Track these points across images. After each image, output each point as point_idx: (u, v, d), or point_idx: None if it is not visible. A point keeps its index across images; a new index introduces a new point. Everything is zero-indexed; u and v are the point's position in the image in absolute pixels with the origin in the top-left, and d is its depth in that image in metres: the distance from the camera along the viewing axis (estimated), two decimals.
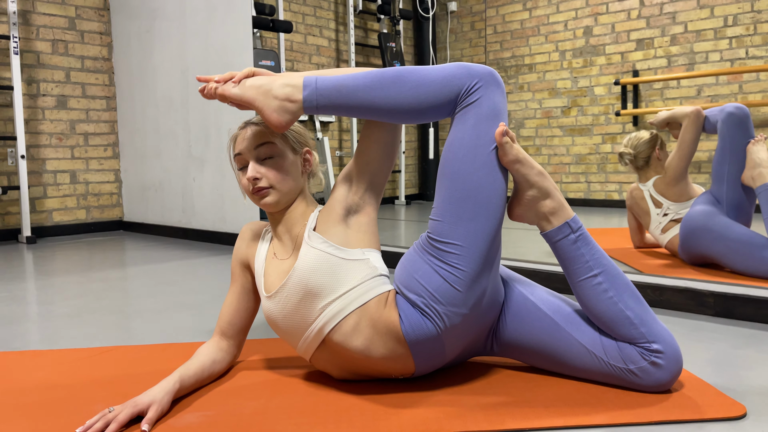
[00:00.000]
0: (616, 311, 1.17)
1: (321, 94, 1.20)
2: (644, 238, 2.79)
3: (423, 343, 1.17)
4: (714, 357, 1.42)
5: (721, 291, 1.76)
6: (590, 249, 1.20)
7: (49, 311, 2.01)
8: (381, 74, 1.19)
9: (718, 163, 2.28)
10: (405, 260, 1.22)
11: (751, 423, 1.06)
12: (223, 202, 3.53)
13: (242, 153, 1.28)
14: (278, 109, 1.20)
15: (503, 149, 1.18)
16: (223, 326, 1.35)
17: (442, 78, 1.18)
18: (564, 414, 1.09)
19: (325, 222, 1.24)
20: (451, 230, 1.16)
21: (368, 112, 1.20)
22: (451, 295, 1.15)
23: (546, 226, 1.23)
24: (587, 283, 1.19)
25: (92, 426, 1.05)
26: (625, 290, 1.18)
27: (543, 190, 1.22)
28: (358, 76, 1.20)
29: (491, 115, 1.18)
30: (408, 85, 1.18)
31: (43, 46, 3.99)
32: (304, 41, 5.28)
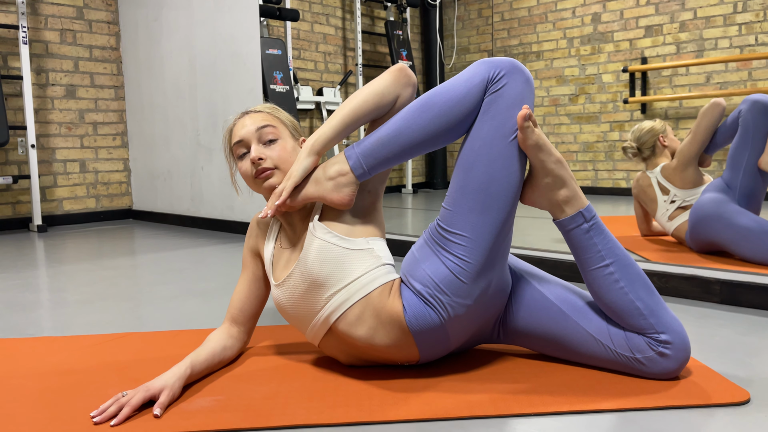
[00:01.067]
0: (626, 302, 1.17)
1: (366, 158, 1.20)
2: (651, 226, 2.80)
3: (426, 333, 1.18)
4: (719, 344, 1.43)
5: (728, 278, 1.77)
6: (603, 238, 1.20)
7: (61, 298, 2.04)
8: (409, 110, 1.20)
9: (736, 149, 2.27)
10: (413, 251, 1.23)
11: (755, 408, 1.07)
12: (231, 191, 3.55)
13: (243, 138, 1.28)
14: (335, 188, 1.21)
15: (524, 133, 1.17)
16: (234, 313, 1.37)
17: (464, 80, 1.18)
18: (570, 400, 1.11)
19: (330, 211, 1.25)
20: (460, 221, 1.16)
21: (417, 149, 1.20)
22: (456, 287, 1.16)
23: (559, 214, 1.23)
24: (599, 273, 1.19)
25: (106, 410, 1.08)
26: (637, 280, 1.18)
27: (559, 179, 1.21)
28: (391, 122, 1.20)
29: (514, 103, 1.17)
30: (437, 108, 1.18)
31: (52, 36, 4.01)
32: (310, 29, 5.28)
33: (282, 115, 1.34)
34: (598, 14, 5.12)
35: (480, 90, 1.18)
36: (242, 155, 1.30)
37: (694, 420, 1.03)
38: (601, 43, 5.12)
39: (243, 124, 1.30)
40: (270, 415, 1.07)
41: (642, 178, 2.66)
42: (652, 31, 4.84)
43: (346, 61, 5.59)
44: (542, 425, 1.03)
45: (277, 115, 1.33)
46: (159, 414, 1.08)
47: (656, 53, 4.83)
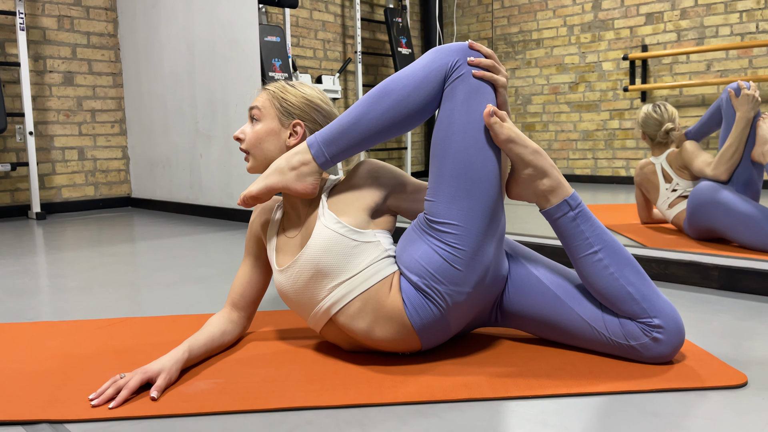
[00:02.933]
0: (617, 287, 1.17)
1: (327, 146, 1.21)
2: (651, 213, 2.79)
3: (428, 325, 1.18)
4: (717, 328, 1.44)
5: (726, 264, 1.77)
6: (590, 225, 1.20)
7: (61, 284, 2.04)
8: (368, 98, 1.20)
9: (724, 139, 2.27)
10: (405, 241, 1.22)
11: (751, 391, 1.07)
12: (231, 178, 3.54)
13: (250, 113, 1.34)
14: (298, 178, 1.22)
15: (493, 130, 1.16)
16: (235, 298, 1.37)
17: (422, 69, 1.18)
18: (566, 383, 1.11)
19: (346, 202, 1.23)
20: (446, 210, 1.15)
21: (377, 136, 1.20)
22: (452, 275, 1.15)
23: (544, 204, 1.22)
24: (588, 260, 1.19)
25: (104, 392, 1.08)
26: (626, 265, 1.18)
27: (539, 169, 1.20)
28: (350, 110, 1.21)
29: (479, 88, 1.17)
30: (396, 94, 1.18)
31: (49, 22, 3.98)
32: (309, 16, 5.25)
33: (280, 95, 1.31)
34: (598, 1, 5.09)
35: (439, 76, 1.18)
36: None
37: (691, 402, 1.03)
38: (601, 31, 5.09)
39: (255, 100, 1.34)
40: (269, 398, 1.08)
41: (646, 164, 2.65)
42: (653, 19, 4.82)
43: (345, 49, 5.57)
44: (540, 407, 1.03)
45: (276, 95, 1.31)
46: (156, 397, 1.08)
47: (657, 41, 4.81)
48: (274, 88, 1.32)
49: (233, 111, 3.46)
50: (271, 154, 1.29)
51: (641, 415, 0.99)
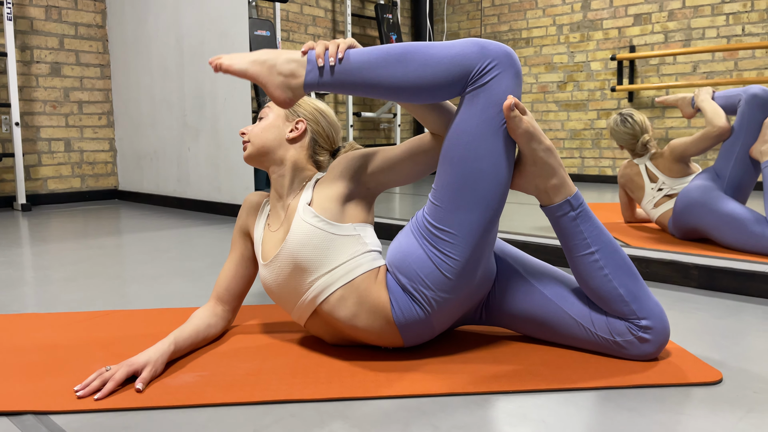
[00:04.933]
0: (609, 288, 1.18)
1: (324, 76, 1.17)
2: (635, 213, 2.83)
3: (412, 325, 1.20)
4: (695, 326, 1.47)
5: (705, 264, 1.80)
6: (589, 226, 1.20)
7: (46, 276, 2.04)
8: (386, 51, 1.16)
9: (730, 140, 2.29)
10: (400, 241, 1.22)
11: (726, 388, 1.10)
12: (218, 172, 3.54)
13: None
14: (281, 86, 1.19)
15: (512, 123, 1.14)
16: (220, 291, 1.38)
17: (451, 56, 1.14)
18: (548, 379, 1.13)
19: (323, 194, 1.24)
20: (447, 217, 1.16)
21: (372, 90, 1.16)
22: (441, 282, 1.16)
23: (546, 201, 1.22)
24: (584, 260, 1.20)
25: (90, 384, 1.09)
26: (622, 267, 1.19)
27: (548, 166, 1.20)
28: (363, 52, 1.16)
29: (499, 101, 1.14)
30: (414, 64, 1.14)
31: (37, 12, 3.95)
32: (300, 11, 5.24)
33: None
34: (587, 1, 5.12)
35: (465, 72, 1.14)
36: None
37: (668, 398, 1.06)
38: (590, 31, 5.13)
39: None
40: (253, 391, 1.09)
41: (630, 166, 2.68)
42: (641, 20, 4.86)
43: None
44: (521, 402, 1.05)
45: None
46: (141, 389, 1.09)
47: (644, 42, 4.85)
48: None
49: (222, 105, 3.45)
50: (269, 143, 1.31)
51: (619, 410, 1.02)
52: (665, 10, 4.73)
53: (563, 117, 5.35)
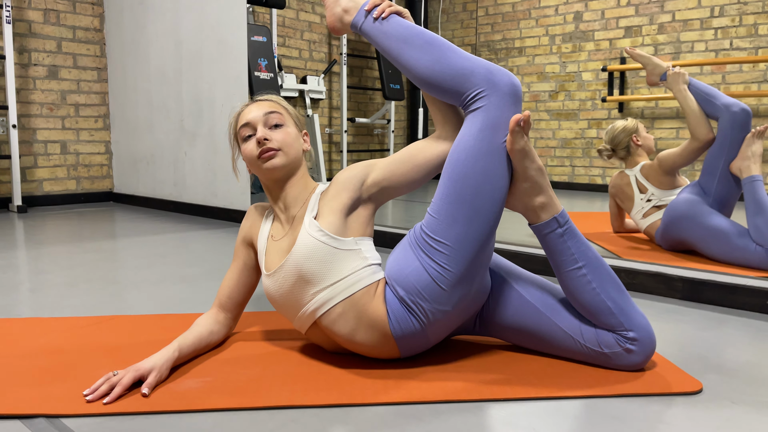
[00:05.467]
0: (598, 301, 1.24)
1: (366, 25, 1.38)
2: (624, 223, 2.90)
3: (408, 337, 1.25)
4: (678, 338, 1.53)
5: (690, 276, 1.87)
6: (576, 242, 1.26)
7: (47, 280, 2.07)
8: (418, 33, 1.32)
9: (713, 156, 2.34)
10: (398, 254, 1.28)
11: (706, 398, 1.16)
12: (215, 177, 3.58)
13: (251, 121, 1.33)
14: (337, 16, 1.43)
15: (513, 137, 1.22)
16: (222, 299, 1.43)
17: (462, 67, 1.26)
18: (538, 388, 1.19)
19: (327, 207, 1.28)
20: (445, 230, 1.21)
21: (393, 59, 1.35)
22: (437, 294, 1.21)
23: (535, 219, 1.29)
24: (572, 274, 1.26)
25: (98, 388, 1.13)
26: (608, 281, 1.26)
27: (537, 186, 1.26)
28: (402, 24, 1.34)
29: (497, 125, 1.23)
30: (431, 56, 1.28)
31: (35, 15, 3.98)
32: (296, 17, 5.29)
33: (287, 106, 1.41)
34: (580, 13, 5.21)
35: (461, 89, 1.25)
36: (247, 137, 1.34)
37: (650, 407, 1.12)
38: (582, 42, 5.21)
39: (251, 110, 1.35)
40: (255, 397, 1.14)
41: (620, 176, 2.75)
42: (632, 32, 4.95)
43: (331, 50, 5.62)
44: (512, 410, 1.11)
45: (283, 104, 1.40)
46: (147, 393, 1.14)
47: None
48: (276, 99, 1.40)
49: (219, 110, 3.50)
50: (298, 155, 1.35)
51: (604, 418, 1.07)
52: (655, 23, 4.82)
53: (554, 126, 5.42)
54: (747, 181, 2.21)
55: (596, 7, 5.11)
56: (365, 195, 1.32)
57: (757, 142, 2.26)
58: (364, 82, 5.95)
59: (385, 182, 1.33)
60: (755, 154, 2.25)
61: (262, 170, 1.32)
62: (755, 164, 2.24)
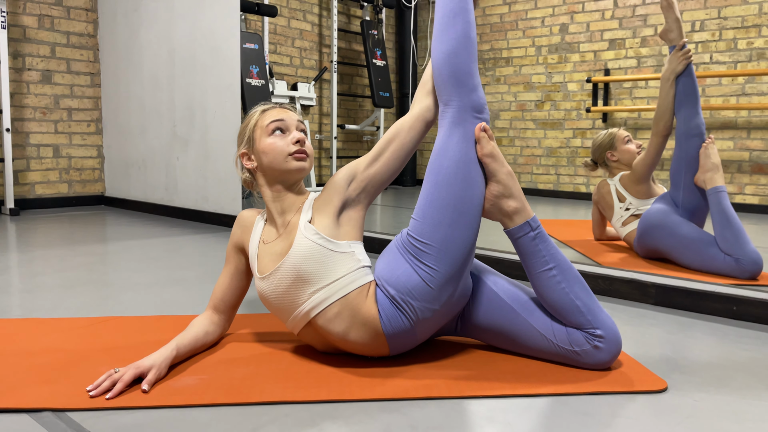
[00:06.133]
0: (567, 300, 1.34)
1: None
2: (605, 231, 2.99)
3: (398, 335, 1.33)
4: (649, 340, 1.62)
5: (662, 283, 1.96)
6: (547, 245, 1.37)
7: (44, 283, 2.13)
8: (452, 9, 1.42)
9: (675, 170, 2.43)
10: (387, 256, 1.36)
11: (670, 396, 1.25)
12: (206, 182, 3.64)
13: (286, 120, 1.41)
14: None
15: (480, 142, 1.35)
16: (216, 302, 1.50)
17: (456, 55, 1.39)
18: (514, 385, 1.27)
19: (320, 212, 1.37)
20: (431, 232, 1.31)
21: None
22: (425, 293, 1.30)
23: (509, 223, 1.39)
24: (543, 275, 1.35)
25: (101, 384, 1.20)
26: (576, 282, 1.35)
27: (508, 189, 1.37)
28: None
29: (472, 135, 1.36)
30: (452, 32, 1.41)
31: (30, 21, 4.03)
32: (287, 25, 5.37)
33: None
34: (565, 25, 5.33)
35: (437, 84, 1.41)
36: (278, 132, 1.40)
37: (618, 404, 1.20)
38: (567, 53, 5.33)
39: (283, 112, 1.43)
40: (249, 393, 1.21)
41: (603, 185, 2.85)
42: (615, 45, 5.07)
43: (322, 58, 5.70)
44: (489, 406, 1.19)
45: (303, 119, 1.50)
46: (147, 390, 1.20)
47: (618, 66, 5.07)
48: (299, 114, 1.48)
49: (212, 117, 3.56)
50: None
51: (575, 414, 1.16)
52: (638, 36, 4.95)
53: (540, 135, 5.54)
54: (711, 192, 2.27)
55: (581, 20, 5.23)
56: (353, 195, 1.40)
57: (712, 153, 2.31)
58: (354, 90, 6.04)
59: (370, 175, 1.41)
60: (715, 165, 2.30)
61: (288, 166, 1.39)
62: (717, 175, 2.29)
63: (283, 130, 1.41)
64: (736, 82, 4.52)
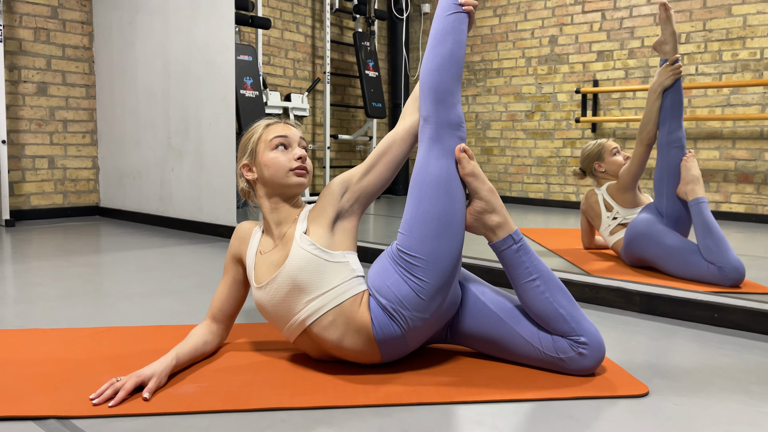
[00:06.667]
0: (551, 309, 1.39)
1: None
2: (594, 240, 3.05)
3: (389, 342, 1.38)
4: (633, 346, 1.67)
5: (646, 291, 2.02)
6: (530, 257, 1.43)
7: (43, 293, 2.17)
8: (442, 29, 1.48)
9: (658, 180, 2.50)
10: (379, 267, 1.41)
11: (651, 400, 1.31)
12: (201, 193, 3.69)
13: (290, 137, 1.46)
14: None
15: (461, 163, 1.41)
16: (214, 312, 1.54)
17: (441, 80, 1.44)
18: (501, 391, 1.32)
19: (315, 223, 1.42)
20: (417, 246, 1.36)
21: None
22: (416, 303, 1.36)
23: (492, 237, 1.45)
24: (528, 286, 1.41)
25: (103, 392, 1.24)
26: (558, 291, 1.41)
27: (490, 205, 1.44)
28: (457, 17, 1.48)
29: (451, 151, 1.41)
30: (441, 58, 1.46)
31: (26, 34, 4.07)
32: (281, 36, 5.43)
33: None
34: (555, 37, 5.42)
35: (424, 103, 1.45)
36: (281, 147, 1.45)
37: (601, 408, 1.25)
38: (557, 64, 5.42)
39: (287, 128, 1.48)
40: (247, 400, 1.25)
41: (590, 194, 2.91)
42: (604, 56, 5.16)
43: (315, 69, 5.76)
44: (478, 410, 1.24)
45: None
46: (148, 397, 1.25)
47: (607, 77, 5.16)
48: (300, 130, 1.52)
49: (206, 129, 3.61)
50: None
51: (560, 418, 1.21)
52: (626, 48, 5.05)
53: (530, 144, 5.61)
54: (693, 204, 2.33)
55: (570, 32, 5.32)
56: (347, 205, 1.45)
57: (692, 166, 2.36)
58: (347, 100, 6.10)
59: (363, 186, 1.47)
60: (695, 177, 2.35)
61: (289, 181, 1.44)
62: (698, 186, 2.35)
63: (286, 146, 1.46)
64: (722, 93, 4.62)
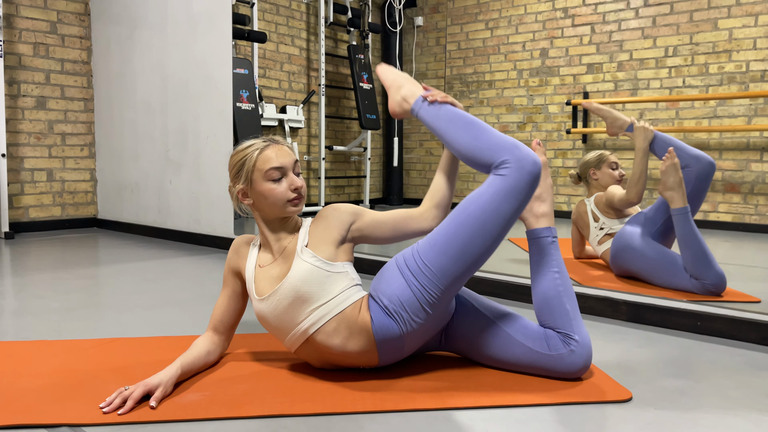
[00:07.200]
0: (560, 302, 1.51)
1: (423, 110, 1.58)
2: (584, 249, 3.13)
3: (387, 342, 1.45)
4: (619, 354, 1.74)
5: (633, 300, 2.09)
6: (558, 253, 1.57)
7: (47, 305, 2.22)
8: (462, 116, 1.53)
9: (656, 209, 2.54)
10: (386, 273, 1.50)
11: (634, 405, 1.37)
12: (199, 205, 3.74)
13: (285, 165, 1.49)
14: (399, 102, 1.64)
15: (537, 152, 1.61)
16: (216, 323, 1.60)
17: (493, 144, 1.47)
18: (493, 397, 1.39)
19: (318, 238, 1.50)
20: (434, 257, 1.43)
21: (439, 136, 1.56)
22: (416, 308, 1.44)
23: (534, 223, 1.59)
24: (549, 274, 1.53)
25: (112, 401, 1.30)
26: (570, 292, 1.54)
27: (544, 196, 1.62)
28: (451, 110, 1.54)
29: (510, 192, 1.43)
30: (469, 135, 1.50)
31: (25, 49, 4.13)
32: (276, 49, 5.51)
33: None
34: (545, 50, 5.52)
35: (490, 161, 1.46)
36: (277, 179, 1.48)
37: (587, 413, 1.32)
38: (547, 77, 5.52)
39: (281, 154, 1.48)
40: (249, 407, 1.31)
41: (580, 204, 2.99)
42: (594, 69, 5.27)
43: (310, 81, 5.84)
44: (470, 416, 1.30)
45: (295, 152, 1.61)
46: (155, 406, 1.31)
47: (597, 89, 5.26)
48: (293, 149, 1.56)
49: (204, 142, 3.68)
50: None
51: (548, 423, 1.27)
52: (615, 61, 5.15)
53: None
54: (674, 214, 2.34)
55: (561, 45, 5.43)
56: (349, 237, 1.54)
57: (672, 171, 2.33)
58: (342, 112, 6.18)
59: (367, 232, 1.55)
60: (676, 183, 2.32)
61: (286, 211, 1.50)
62: (677, 194, 2.32)
63: (282, 176, 1.49)
64: (708, 105, 4.72)
